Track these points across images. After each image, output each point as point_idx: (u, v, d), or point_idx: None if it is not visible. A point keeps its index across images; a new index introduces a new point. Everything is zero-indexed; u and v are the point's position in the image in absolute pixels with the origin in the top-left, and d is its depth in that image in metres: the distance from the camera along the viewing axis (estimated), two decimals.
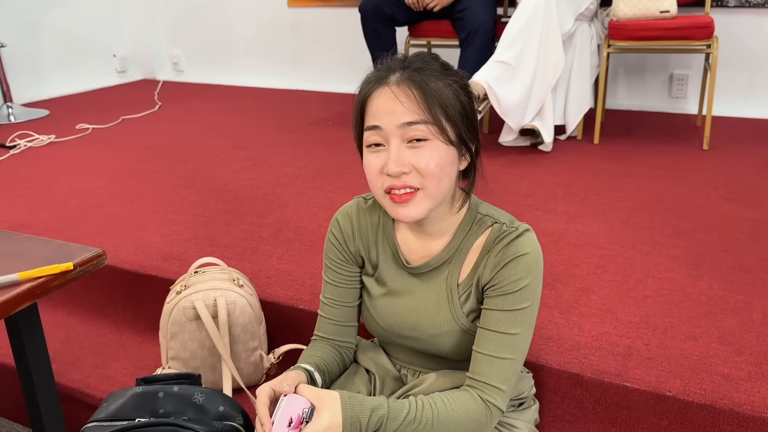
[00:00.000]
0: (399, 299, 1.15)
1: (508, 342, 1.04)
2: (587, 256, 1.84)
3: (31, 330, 0.86)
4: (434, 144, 0.99)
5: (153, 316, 1.84)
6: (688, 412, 1.26)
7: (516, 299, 1.04)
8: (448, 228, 1.10)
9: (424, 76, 1.00)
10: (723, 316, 1.52)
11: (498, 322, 1.04)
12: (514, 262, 1.03)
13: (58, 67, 4.50)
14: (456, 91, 1.02)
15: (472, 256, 1.09)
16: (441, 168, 1.00)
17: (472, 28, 2.87)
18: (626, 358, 1.37)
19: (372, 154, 1.02)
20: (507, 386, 1.05)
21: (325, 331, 1.23)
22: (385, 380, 1.21)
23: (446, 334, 1.11)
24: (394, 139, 0.99)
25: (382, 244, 1.17)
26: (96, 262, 0.83)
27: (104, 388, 1.63)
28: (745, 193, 2.28)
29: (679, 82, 3.43)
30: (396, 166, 0.98)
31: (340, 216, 1.20)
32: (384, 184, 1.01)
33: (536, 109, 2.77)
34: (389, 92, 1.00)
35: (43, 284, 0.80)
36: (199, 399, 1.26)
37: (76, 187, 2.60)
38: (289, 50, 4.45)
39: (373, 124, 1.00)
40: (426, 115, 0.98)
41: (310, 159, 2.83)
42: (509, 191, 2.36)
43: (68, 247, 0.87)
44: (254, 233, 2.08)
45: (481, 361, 1.04)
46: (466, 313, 1.10)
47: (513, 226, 1.07)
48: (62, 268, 0.80)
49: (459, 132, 1.02)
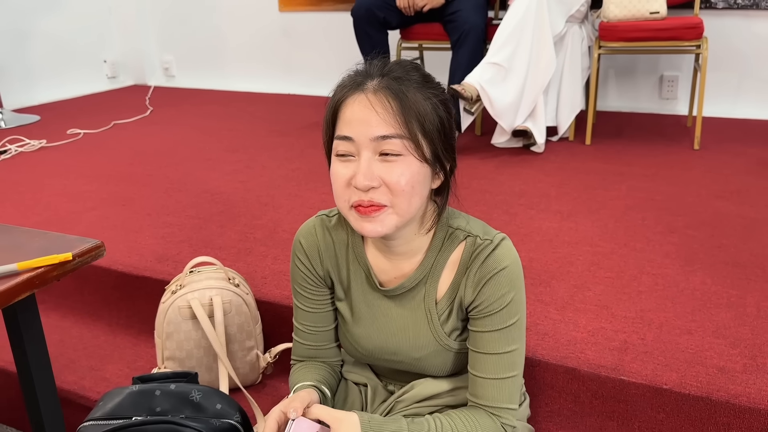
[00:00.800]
0: (375, 324, 1.10)
1: (507, 361, 1.02)
2: (581, 254, 1.85)
3: (29, 321, 0.86)
4: (407, 160, 0.93)
5: (147, 317, 1.84)
6: (684, 404, 1.27)
7: (504, 316, 1.01)
8: (420, 247, 1.05)
9: (403, 86, 0.94)
10: (717, 311, 1.53)
11: (492, 344, 1.02)
12: (494, 279, 1.00)
13: (48, 73, 4.48)
14: (435, 105, 0.96)
15: (448, 273, 1.05)
16: (412, 186, 0.94)
17: (464, 31, 2.89)
18: (622, 352, 1.38)
19: (340, 164, 0.96)
20: (516, 403, 1.04)
21: (305, 355, 1.19)
22: (376, 391, 1.19)
23: (431, 355, 1.08)
24: (366, 151, 0.93)
25: (353, 265, 1.10)
26: (95, 253, 0.83)
27: (99, 390, 1.62)
28: (736, 191, 2.30)
29: (669, 84, 3.46)
30: (365, 180, 0.92)
31: (302, 236, 1.12)
32: (351, 199, 0.95)
33: (528, 110, 2.78)
34: (365, 100, 0.93)
35: (42, 274, 0.79)
36: (197, 397, 1.25)
37: (69, 191, 2.59)
38: (281, 55, 4.45)
39: (345, 134, 0.94)
40: (402, 129, 0.92)
41: (302, 161, 2.84)
42: (503, 191, 2.36)
43: (66, 239, 0.86)
44: (248, 234, 2.08)
45: (485, 385, 1.03)
46: (448, 332, 1.07)
47: (487, 237, 1.02)
48: (61, 258, 0.79)
49: (435, 149, 0.96)
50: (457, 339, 1.07)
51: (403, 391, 1.15)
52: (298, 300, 1.17)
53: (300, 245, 1.13)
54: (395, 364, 1.13)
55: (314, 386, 1.11)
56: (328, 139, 1.00)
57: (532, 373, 1.38)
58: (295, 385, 1.13)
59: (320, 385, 1.12)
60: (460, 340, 1.08)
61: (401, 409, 1.13)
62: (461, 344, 1.08)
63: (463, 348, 1.08)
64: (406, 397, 1.14)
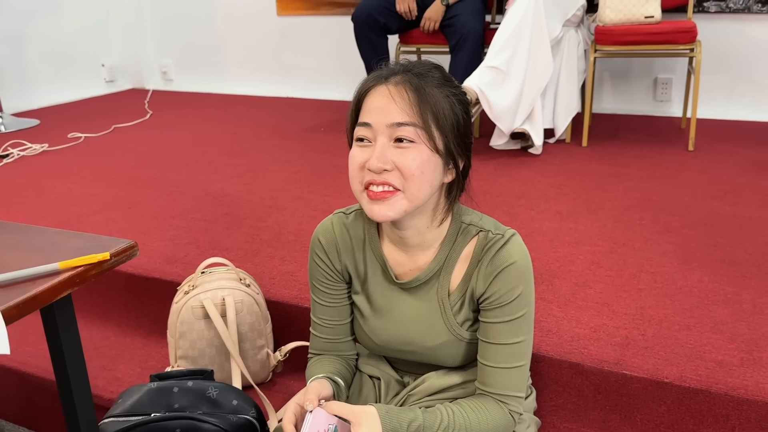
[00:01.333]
0: (391, 315, 1.15)
1: (515, 351, 1.07)
2: (582, 253, 1.89)
3: (66, 319, 0.89)
4: (420, 147, 0.99)
5: (157, 318, 1.87)
6: (685, 397, 1.32)
7: (513, 308, 1.06)
8: (433, 240, 1.10)
9: (423, 81, 1.01)
10: (715, 307, 1.57)
11: (501, 335, 1.07)
12: (504, 273, 1.05)
13: (47, 77, 4.50)
14: (452, 104, 1.02)
15: (460, 267, 1.10)
16: (422, 171, 0.99)
17: (462, 35, 2.93)
18: (624, 347, 1.43)
19: (358, 149, 1.02)
20: (523, 391, 1.09)
21: (322, 349, 1.24)
22: (389, 384, 1.23)
23: (444, 345, 1.13)
24: (381, 137, 0.99)
25: (370, 259, 1.15)
26: (129, 252, 0.87)
27: (112, 389, 1.66)
28: (730, 191, 2.35)
29: (663, 86, 3.52)
30: (378, 162, 0.98)
31: (320, 234, 1.17)
32: (364, 179, 1.01)
33: (526, 113, 2.83)
34: (386, 91, 1.00)
35: (82, 273, 0.83)
36: (213, 393, 1.29)
37: (74, 195, 2.62)
38: (279, 58, 4.49)
39: (364, 120, 1.01)
40: (416, 119, 0.98)
41: (305, 164, 2.87)
42: (503, 192, 2.41)
43: (101, 239, 0.90)
44: (255, 236, 2.12)
45: (494, 374, 1.07)
46: (461, 322, 1.11)
47: (498, 232, 1.08)
48: (100, 257, 0.83)
49: (447, 143, 1.01)
50: (468, 329, 1.12)
51: (415, 385, 1.19)
52: (316, 295, 1.21)
53: (318, 242, 1.18)
54: (409, 355, 1.17)
55: (327, 378, 1.15)
56: (351, 126, 1.06)
57: (537, 369, 1.43)
58: (311, 377, 1.17)
59: (333, 376, 1.16)
60: (472, 331, 1.12)
61: (414, 401, 1.18)
62: (473, 335, 1.12)
63: (474, 338, 1.12)
64: (418, 390, 1.18)
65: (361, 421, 0.99)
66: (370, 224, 1.16)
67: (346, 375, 1.22)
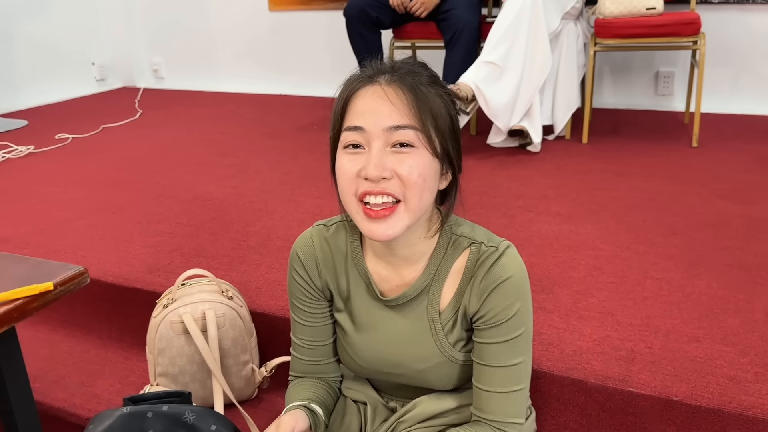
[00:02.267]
0: (376, 335, 1.06)
1: (513, 373, 0.99)
2: (583, 258, 1.80)
3: (8, 356, 0.80)
4: (420, 152, 0.91)
5: (139, 330, 1.78)
6: (696, 416, 1.23)
7: (510, 327, 0.98)
8: (423, 252, 1.01)
9: (416, 80, 0.93)
10: (725, 317, 1.49)
11: (497, 356, 0.98)
12: (499, 289, 0.97)
13: (35, 77, 4.41)
14: (447, 104, 0.95)
15: (452, 282, 1.01)
16: (424, 179, 0.91)
17: (458, 29, 2.84)
18: (629, 362, 1.34)
19: (348, 156, 0.92)
20: (523, 417, 1.01)
21: (303, 371, 1.15)
22: (376, 409, 1.14)
23: (434, 367, 1.04)
24: (377, 142, 0.90)
25: (353, 274, 1.07)
26: (77, 281, 0.78)
27: (90, 407, 1.57)
28: (737, 190, 2.26)
29: (665, 80, 3.42)
30: (376, 170, 0.88)
31: (299, 248, 1.09)
32: (359, 189, 0.91)
33: (524, 109, 2.74)
34: (379, 90, 0.91)
35: (21, 306, 0.74)
36: (190, 418, 1.20)
37: (57, 199, 2.53)
38: (272, 55, 4.39)
39: (356, 124, 0.91)
40: (416, 121, 0.90)
41: (296, 165, 2.78)
42: (500, 193, 2.32)
43: (47, 266, 0.81)
44: (242, 242, 2.03)
45: (491, 399, 0.99)
46: (453, 343, 1.03)
47: (492, 245, 0.99)
48: (41, 288, 0.74)
49: (445, 146, 0.94)
50: (462, 350, 1.03)
51: (405, 410, 1.10)
52: (296, 314, 1.12)
53: (297, 257, 1.09)
54: (397, 378, 1.08)
55: (304, 407, 1.06)
56: (335, 133, 0.97)
57: (537, 386, 1.34)
58: (288, 404, 1.09)
59: (311, 404, 1.08)
60: (465, 351, 1.04)
61: (404, 429, 1.09)
62: (466, 355, 1.04)
63: (469, 360, 1.04)
64: (408, 417, 1.09)
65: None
66: (353, 237, 1.07)
67: (328, 400, 1.13)
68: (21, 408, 0.81)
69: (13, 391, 0.80)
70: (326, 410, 1.11)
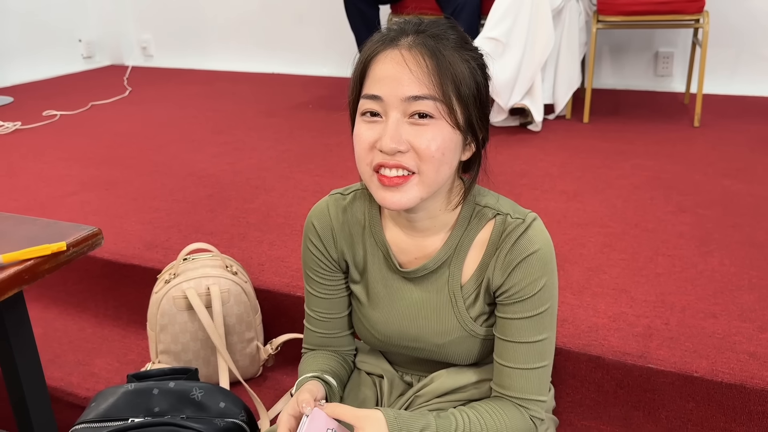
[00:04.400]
0: (394, 308, 1.02)
1: (537, 350, 0.95)
2: (592, 235, 1.77)
3: (17, 322, 0.75)
4: (439, 124, 0.86)
5: (136, 307, 1.73)
6: (716, 392, 1.21)
7: (536, 302, 0.93)
8: (445, 224, 0.97)
9: (441, 44, 0.86)
10: (740, 293, 1.46)
11: (522, 332, 0.94)
12: (525, 263, 0.92)
13: (21, 53, 4.29)
14: (473, 69, 0.89)
15: (475, 254, 0.97)
16: (442, 152, 0.86)
17: (459, 4, 2.78)
18: (647, 338, 1.31)
19: (365, 124, 0.88)
20: (545, 395, 0.97)
21: (316, 344, 1.11)
22: (393, 382, 1.11)
23: (455, 342, 1.00)
24: (395, 112, 0.86)
25: (370, 245, 1.02)
26: (91, 242, 0.72)
27: (88, 386, 1.52)
28: (743, 169, 2.24)
29: (664, 60, 3.39)
30: (392, 142, 0.84)
31: (315, 218, 1.04)
32: (374, 161, 0.87)
33: (526, 87, 2.69)
34: (398, 56, 0.86)
35: (32, 268, 0.68)
36: (198, 395, 1.16)
37: (47, 175, 2.46)
38: (265, 32, 4.30)
39: (373, 93, 0.87)
40: (436, 91, 0.85)
41: (293, 143, 2.72)
42: (504, 171, 2.28)
43: (58, 226, 0.75)
44: (241, 219, 1.97)
45: (513, 375, 0.95)
46: (475, 317, 0.99)
47: (518, 216, 0.95)
48: (54, 248, 0.68)
49: (469, 116, 0.89)
50: (483, 324, 0.99)
51: (423, 384, 1.06)
52: (310, 285, 1.08)
53: (312, 227, 1.04)
54: (415, 352, 1.04)
55: (317, 377, 1.02)
56: (354, 98, 0.91)
57: (553, 362, 1.31)
58: (302, 376, 1.04)
59: (324, 375, 1.04)
60: (487, 326, 1.00)
61: (421, 403, 1.05)
62: (488, 330, 1.00)
63: (490, 334, 1.00)
64: (426, 391, 1.05)
65: (366, 426, 0.86)
66: (371, 206, 1.02)
67: (341, 373, 1.09)
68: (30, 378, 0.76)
69: (22, 362, 0.75)
70: (340, 382, 1.08)
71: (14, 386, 0.75)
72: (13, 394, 0.77)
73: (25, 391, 0.75)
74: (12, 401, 0.78)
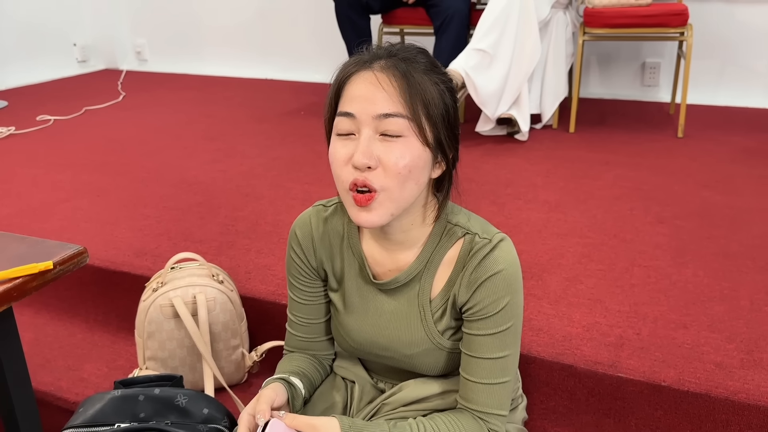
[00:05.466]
0: (367, 317, 1.07)
1: (499, 366, 0.99)
2: (571, 246, 1.82)
3: (6, 337, 0.79)
4: (409, 142, 0.90)
5: (126, 314, 1.77)
6: (683, 401, 1.25)
7: (498, 320, 0.97)
8: (417, 239, 1.01)
9: (411, 67, 0.91)
10: (711, 304, 1.51)
11: (484, 348, 0.98)
12: (490, 282, 0.96)
13: (15, 57, 4.32)
14: (442, 92, 0.93)
15: (444, 270, 1.01)
16: (409, 169, 0.90)
17: (447, 15, 2.83)
18: (618, 348, 1.36)
19: (340, 142, 0.92)
20: (506, 409, 1.01)
21: (296, 346, 1.16)
22: (364, 389, 1.15)
23: (422, 353, 1.04)
24: (367, 129, 0.90)
25: (348, 256, 1.07)
26: (77, 260, 0.76)
27: (77, 391, 1.56)
28: (722, 180, 2.29)
29: (651, 71, 3.45)
30: (363, 158, 0.88)
31: (298, 227, 1.10)
32: (349, 178, 0.91)
33: (513, 97, 2.74)
34: (371, 76, 0.90)
35: (20, 285, 0.72)
36: (182, 401, 1.20)
37: (39, 181, 2.49)
38: (258, 38, 4.35)
39: (347, 110, 0.91)
40: (406, 109, 0.89)
41: (284, 150, 2.77)
42: (489, 180, 2.33)
43: (45, 245, 0.79)
44: (230, 227, 2.01)
45: (475, 390, 0.99)
46: (442, 331, 1.03)
47: (485, 237, 0.98)
48: (41, 267, 0.72)
49: (438, 135, 0.92)
50: (450, 338, 1.04)
51: (391, 393, 1.11)
52: (292, 291, 1.13)
53: (295, 235, 1.10)
54: (386, 360, 1.09)
55: (283, 380, 1.05)
56: (329, 117, 0.96)
57: (527, 371, 1.35)
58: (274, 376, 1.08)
59: (291, 377, 1.07)
60: (454, 340, 1.04)
61: (388, 411, 1.09)
62: (454, 344, 1.04)
63: (456, 348, 1.04)
64: (393, 399, 1.10)
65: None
66: (350, 219, 1.07)
67: (313, 376, 1.14)
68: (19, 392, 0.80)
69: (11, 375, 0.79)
70: (309, 384, 1.11)
71: (3, 398, 0.79)
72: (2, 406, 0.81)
73: (14, 404, 0.79)
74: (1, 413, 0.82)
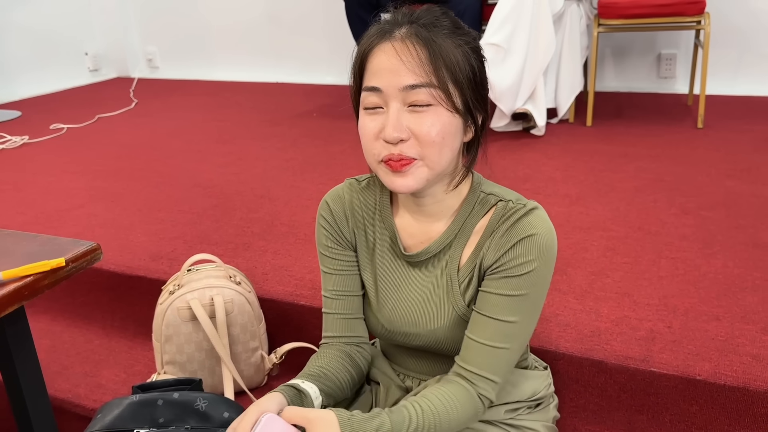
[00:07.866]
0: (398, 291, 1.05)
1: (504, 330, 0.95)
2: (595, 239, 1.77)
3: (19, 337, 0.76)
4: (437, 110, 0.89)
5: (143, 319, 1.75)
6: (719, 395, 1.20)
7: (519, 283, 0.94)
8: (449, 208, 1.00)
9: (432, 33, 0.90)
10: (743, 294, 1.46)
11: (495, 308, 0.95)
12: (522, 243, 0.93)
13: (28, 67, 4.34)
14: (466, 53, 0.91)
15: (474, 239, 0.99)
16: (443, 137, 0.90)
17: (459, 11, 2.78)
18: (650, 342, 1.31)
19: (368, 117, 0.93)
20: (500, 377, 0.97)
21: (334, 329, 1.11)
22: (389, 390, 1.11)
23: (447, 327, 1.01)
24: (394, 102, 0.89)
25: (379, 228, 1.07)
26: (90, 257, 0.74)
27: (95, 398, 1.54)
28: (746, 170, 2.23)
29: (667, 62, 3.39)
30: (394, 131, 0.89)
31: (329, 198, 1.10)
32: (380, 153, 0.91)
33: (528, 92, 2.70)
34: (391, 49, 0.89)
35: (32, 284, 0.69)
36: (202, 405, 1.17)
37: (54, 188, 2.48)
38: (268, 42, 4.33)
39: (372, 85, 0.91)
40: (431, 78, 0.88)
41: (297, 151, 2.74)
42: (507, 176, 2.29)
43: (58, 242, 0.77)
44: (245, 228, 1.99)
45: (474, 348, 0.96)
46: (468, 302, 1.00)
47: (520, 203, 0.97)
48: (53, 264, 0.69)
49: (466, 99, 0.91)
50: None
51: (415, 392, 1.07)
52: (325, 264, 1.10)
53: (326, 205, 1.09)
54: (413, 339, 1.05)
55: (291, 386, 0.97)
56: (355, 91, 0.96)
57: (555, 367, 1.31)
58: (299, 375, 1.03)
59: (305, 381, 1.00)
60: None
61: None
62: None
63: None
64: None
65: (316, 428, 0.85)
66: (382, 192, 1.07)
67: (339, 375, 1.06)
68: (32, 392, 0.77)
69: (24, 376, 0.76)
70: (330, 386, 1.03)
71: (17, 399, 0.76)
72: (16, 407, 0.78)
73: (28, 404, 0.76)
74: (15, 414, 0.80)
